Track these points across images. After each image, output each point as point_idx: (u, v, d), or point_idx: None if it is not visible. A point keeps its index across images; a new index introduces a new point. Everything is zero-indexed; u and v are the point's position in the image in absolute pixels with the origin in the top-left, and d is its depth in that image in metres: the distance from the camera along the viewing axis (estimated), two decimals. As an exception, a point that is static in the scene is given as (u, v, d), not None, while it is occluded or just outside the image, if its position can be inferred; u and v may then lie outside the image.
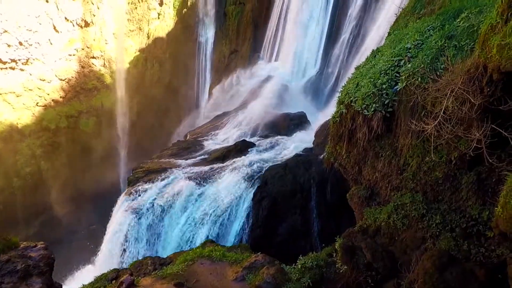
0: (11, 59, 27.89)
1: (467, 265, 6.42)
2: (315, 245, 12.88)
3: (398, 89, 7.24)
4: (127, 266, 11.35)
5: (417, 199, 7.60)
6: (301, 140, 16.88)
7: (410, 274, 6.67)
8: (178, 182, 14.63)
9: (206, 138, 20.05)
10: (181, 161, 16.78)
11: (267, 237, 13.05)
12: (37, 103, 30.17)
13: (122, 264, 12.93)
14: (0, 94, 28.22)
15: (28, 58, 28.91)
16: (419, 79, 6.90)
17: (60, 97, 31.06)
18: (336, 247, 7.66)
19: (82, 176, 31.82)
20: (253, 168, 14.66)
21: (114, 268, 9.91)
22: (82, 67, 31.59)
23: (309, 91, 21.85)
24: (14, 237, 7.92)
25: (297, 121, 18.78)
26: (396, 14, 11.26)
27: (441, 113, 6.21)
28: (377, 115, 7.39)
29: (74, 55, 30.98)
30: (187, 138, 21.52)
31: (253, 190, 13.69)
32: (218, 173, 14.89)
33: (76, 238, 28.56)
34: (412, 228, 7.49)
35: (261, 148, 16.71)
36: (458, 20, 7.61)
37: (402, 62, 7.46)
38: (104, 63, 32.42)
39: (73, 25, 30.35)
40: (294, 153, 15.50)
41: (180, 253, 10.31)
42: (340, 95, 8.64)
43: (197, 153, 17.77)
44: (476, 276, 6.23)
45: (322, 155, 13.38)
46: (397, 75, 7.47)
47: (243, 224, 13.20)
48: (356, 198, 9.13)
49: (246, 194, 13.70)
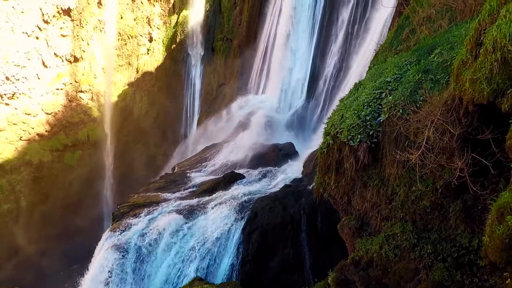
0: (-3, 94, 27.73)
1: (462, 297, 6.30)
2: (308, 279, 12.48)
3: (382, 120, 7.49)
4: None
5: (408, 229, 7.57)
6: (290, 171, 16.93)
7: (406, 308, 6.48)
8: (165, 217, 14.22)
9: (194, 170, 19.87)
10: (169, 195, 16.44)
11: (258, 273, 12.59)
12: (21, 137, 29.58)
13: (104, 308, 12.11)
14: (-18, 129, 27.65)
15: (15, 93, 28.77)
16: (401, 111, 7.17)
17: (46, 131, 30.61)
18: (329, 282, 7.44)
19: (64, 212, 30.57)
20: (242, 200, 14.46)
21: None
22: (70, 101, 31.56)
23: (296, 122, 22.32)
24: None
25: (286, 152, 18.94)
26: (375, 50, 11.93)
27: (424, 143, 6.40)
28: (363, 146, 7.55)
29: (62, 89, 31.04)
30: (175, 171, 21.26)
31: (243, 223, 13.41)
32: (207, 206, 14.59)
33: (55, 280, 26.78)
34: (405, 259, 7.40)
35: (250, 180, 16.62)
36: (432, 56, 8.10)
37: (383, 95, 7.79)
38: (92, 97, 32.52)
39: (62, 61, 30.72)
40: (284, 184, 15.46)
41: (167, 294, 9.76)
42: (326, 127, 8.84)
43: (185, 186, 17.50)
44: (472, 308, 6.11)
45: (312, 185, 13.38)
46: (380, 107, 7.75)
47: (233, 259, 12.75)
48: (347, 229, 9.04)
49: (236, 227, 13.37)
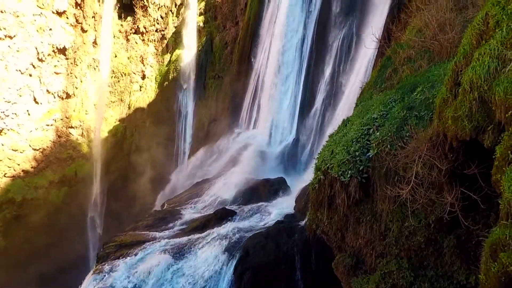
0: (-16, 130, 27.35)
1: None
2: (303, 323, 11.81)
3: (371, 156, 7.63)
4: None
5: (403, 266, 7.41)
6: (282, 206, 16.71)
7: None
8: (153, 257, 13.58)
9: (185, 207, 19.41)
10: (157, 233, 15.87)
11: (251, 317, 11.88)
12: (5, 174, 28.74)
13: None
14: (-35, 166, 26.86)
15: (3, 129, 28.42)
16: (389, 146, 7.34)
17: (32, 167, 29.88)
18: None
19: (47, 252, 28.90)
20: (234, 238, 14.03)
21: None
22: (59, 137, 31.26)
23: (287, 157, 22.48)
24: None
25: (277, 187, 18.83)
26: (361, 88, 12.46)
27: (413, 178, 6.50)
28: (354, 181, 7.60)
29: (52, 125, 30.86)
30: (164, 208, 20.73)
31: (234, 262, 12.89)
32: (197, 245, 14.07)
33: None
34: (402, 299, 7.15)
35: (242, 216, 16.27)
36: (415, 94, 8.49)
37: (371, 131, 8.02)
38: (82, 133, 32.36)
39: (54, 97, 30.90)
40: (276, 220, 15.16)
41: None
42: (317, 162, 8.93)
43: (175, 224, 16.98)
44: None
45: (304, 221, 13.16)
46: (368, 143, 7.93)
47: (224, 303, 12.07)
48: (342, 267, 8.77)
49: (227, 267, 12.82)
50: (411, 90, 8.84)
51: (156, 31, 34.19)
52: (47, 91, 30.36)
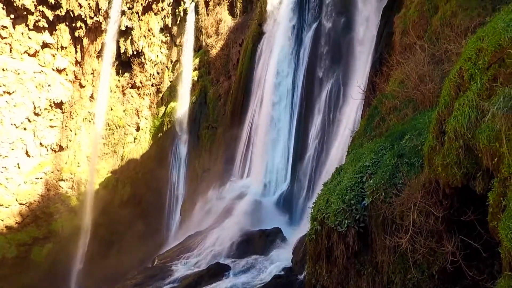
0: (-29, 185, 26.62)
1: None
2: None
3: (366, 204, 7.55)
4: None
5: (410, 322, 6.92)
6: (279, 259, 15.97)
7: None
8: (141, 321, 12.47)
9: (176, 262, 18.40)
10: (146, 293, 14.78)
11: None
12: (-13, 231, 27.37)
13: None
14: None
15: (-10, 184, 27.76)
16: (383, 194, 7.32)
17: (16, 223, 28.63)
18: None
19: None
20: (229, 296, 13.13)
21: None
22: (48, 190, 30.51)
23: (282, 206, 22.08)
24: None
25: (273, 238, 18.19)
26: (351, 136, 12.78)
27: (411, 227, 6.38)
28: (351, 231, 7.41)
29: (42, 178, 30.32)
30: (155, 263, 19.60)
31: (229, 325, 11.88)
32: (189, 305, 13.05)
33: None
34: None
35: (237, 271, 15.43)
36: (404, 141, 8.72)
37: (364, 179, 8.05)
38: (73, 185, 31.72)
39: (47, 150, 30.83)
40: (273, 275, 14.38)
41: None
42: (313, 211, 8.77)
43: (165, 281, 15.95)
44: None
45: (303, 275, 12.48)
46: (363, 191, 7.91)
47: None
48: (346, 326, 8.14)
49: (221, 331, 11.78)
50: (400, 138, 9.09)
51: (152, 86, 35.62)
52: (40, 144, 30.38)
